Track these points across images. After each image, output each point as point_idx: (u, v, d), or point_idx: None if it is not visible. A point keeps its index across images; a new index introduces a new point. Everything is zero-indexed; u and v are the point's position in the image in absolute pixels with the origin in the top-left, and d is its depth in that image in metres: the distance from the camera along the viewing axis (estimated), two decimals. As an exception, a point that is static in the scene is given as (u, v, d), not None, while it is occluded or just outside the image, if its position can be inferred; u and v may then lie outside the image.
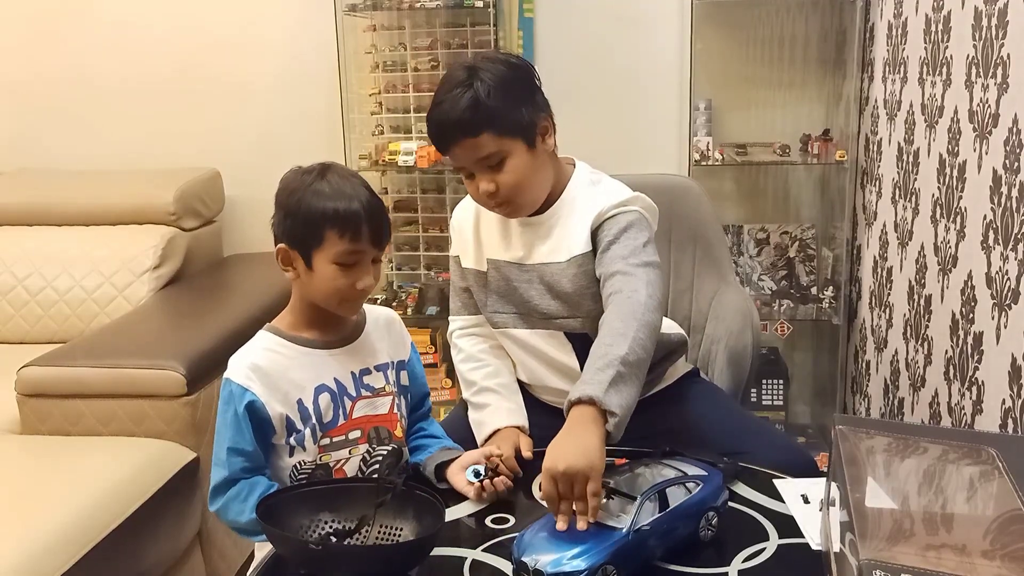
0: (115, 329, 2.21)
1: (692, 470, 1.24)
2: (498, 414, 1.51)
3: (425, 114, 1.45)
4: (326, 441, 1.27)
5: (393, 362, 1.38)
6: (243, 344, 1.30)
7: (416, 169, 2.63)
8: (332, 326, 1.32)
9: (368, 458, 1.30)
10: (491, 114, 1.36)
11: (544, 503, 1.16)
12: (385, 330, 1.39)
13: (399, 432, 1.35)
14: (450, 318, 1.65)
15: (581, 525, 1.10)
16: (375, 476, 1.28)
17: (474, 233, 1.56)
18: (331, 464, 1.28)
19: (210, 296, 2.54)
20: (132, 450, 1.83)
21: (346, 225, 1.22)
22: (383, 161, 2.65)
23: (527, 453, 1.43)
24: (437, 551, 1.18)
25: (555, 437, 1.16)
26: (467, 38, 2.66)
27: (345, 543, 1.18)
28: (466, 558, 1.17)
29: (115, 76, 2.93)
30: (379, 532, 1.20)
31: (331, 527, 1.19)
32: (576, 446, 1.12)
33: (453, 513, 1.28)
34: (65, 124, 2.98)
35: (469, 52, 2.65)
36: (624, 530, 1.10)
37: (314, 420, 1.26)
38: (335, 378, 1.29)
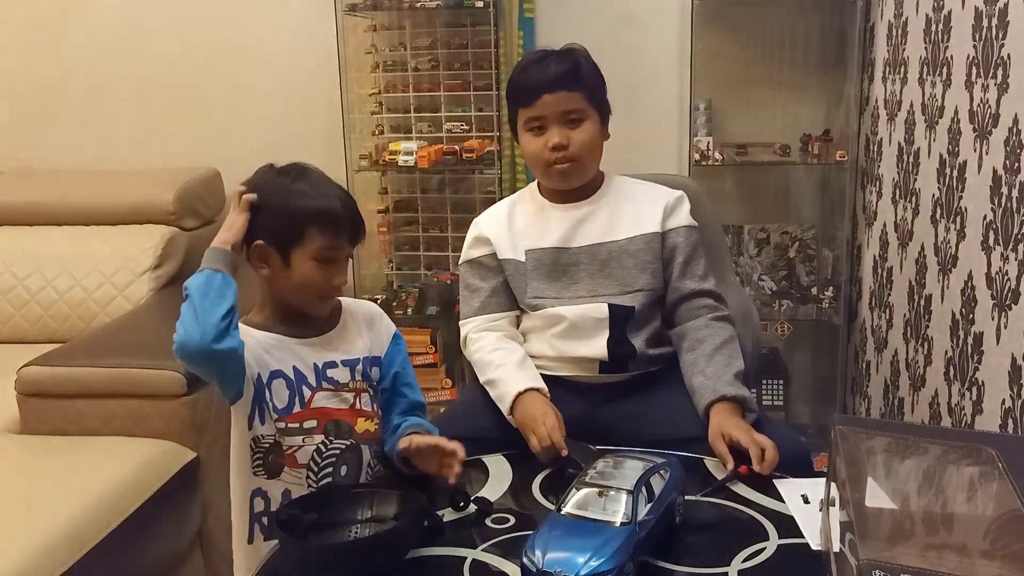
0: (115, 329, 2.21)
1: (654, 457, 1.25)
2: (517, 378, 1.56)
3: (425, 114, 1.48)
4: (281, 425, 1.29)
5: (367, 358, 1.38)
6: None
7: (416, 169, 2.63)
8: (301, 322, 1.34)
9: (324, 450, 1.31)
10: (588, 79, 1.59)
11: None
12: (364, 325, 1.40)
13: (370, 427, 1.35)
14: (464, 321, 1.70)
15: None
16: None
17: (508, 228, 1.68)
18: (284, 448, 1.30)
19: (210, 296, 2.53)
20: (132, 450, 1.83)
21: (328, 222, 1.28)
22: (383, 161, 2.64)
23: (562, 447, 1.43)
24: (437, 551, 1.18)
25: (730, 421, 1.44)
26: (467, 38, 2.66)
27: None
28: (466, 558, 1.17)
29: (115, 76, 2.93)
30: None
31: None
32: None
33: (453, 513, 1.28)
34: (65, 124, 2.98)
35: (469, 52, 2.66)
36: (632, 524, 1.10)
37: (267, 399, 1.28)
38: (294, 366, 1.31)
